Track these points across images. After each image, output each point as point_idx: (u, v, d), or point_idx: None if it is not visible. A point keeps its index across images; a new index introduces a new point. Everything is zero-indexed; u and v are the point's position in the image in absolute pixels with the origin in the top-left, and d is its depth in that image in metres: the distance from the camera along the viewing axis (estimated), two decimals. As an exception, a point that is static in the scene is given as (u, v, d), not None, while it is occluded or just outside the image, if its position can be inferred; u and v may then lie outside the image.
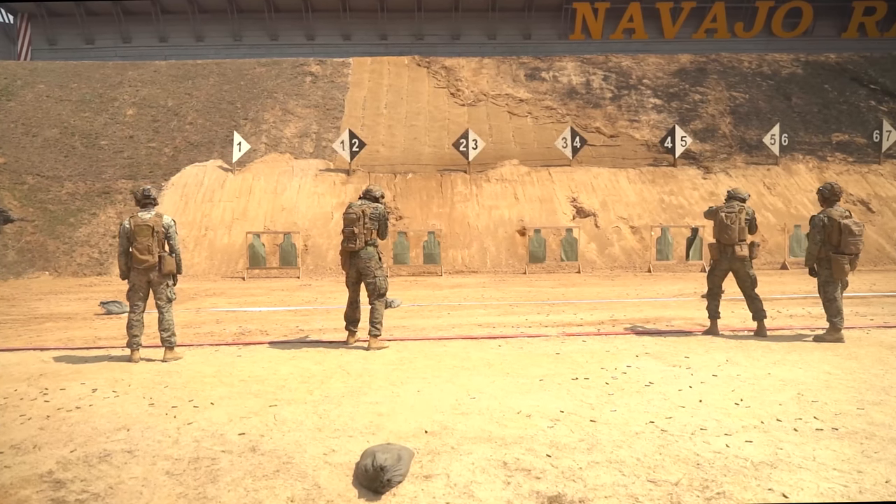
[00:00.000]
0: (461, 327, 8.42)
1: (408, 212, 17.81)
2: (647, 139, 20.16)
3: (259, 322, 9.35)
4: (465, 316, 9.53)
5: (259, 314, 10.29)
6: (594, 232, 17.32)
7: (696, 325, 8.31)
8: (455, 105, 21.41)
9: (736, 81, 22.07)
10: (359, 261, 7.01)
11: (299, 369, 6.15)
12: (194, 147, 19.82)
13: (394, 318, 9.27)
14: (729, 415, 4.61)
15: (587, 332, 7.78)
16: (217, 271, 16.35)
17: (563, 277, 15.17)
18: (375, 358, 6.57)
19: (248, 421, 4.64)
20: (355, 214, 6.96)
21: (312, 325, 8.87)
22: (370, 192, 7.23)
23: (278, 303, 11.72)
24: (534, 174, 18.88)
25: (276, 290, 13.76)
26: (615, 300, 11.19)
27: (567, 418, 4.58)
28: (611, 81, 22.10)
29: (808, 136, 20.20)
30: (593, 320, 8.79)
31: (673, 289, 12.73)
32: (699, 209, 18.00)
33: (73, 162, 19.25)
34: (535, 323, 8.66)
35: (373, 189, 7.27)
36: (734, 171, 19.08)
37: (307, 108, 21.11)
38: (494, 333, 7.87)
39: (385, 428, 4.47)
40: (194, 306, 11.48)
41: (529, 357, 6.47)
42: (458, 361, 6.32)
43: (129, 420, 4.74)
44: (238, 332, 8.49)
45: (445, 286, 13.75)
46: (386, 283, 7.12)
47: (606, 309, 9.99)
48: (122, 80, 21.95)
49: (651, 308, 10.00)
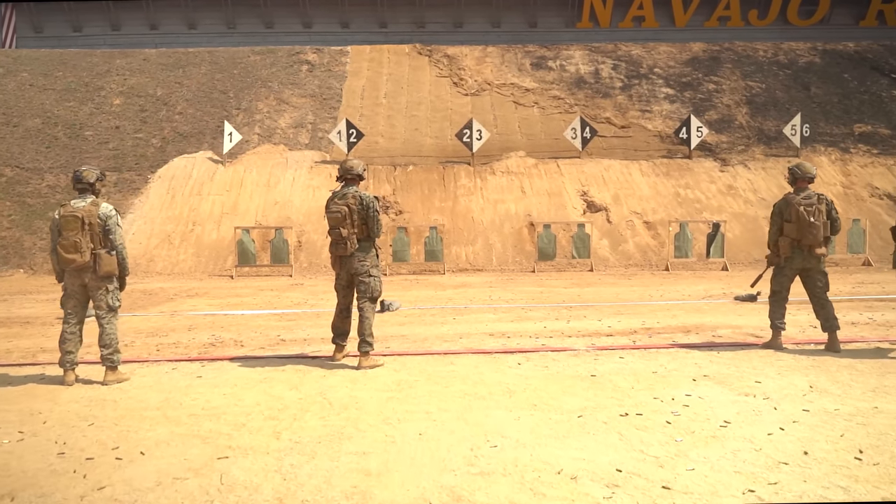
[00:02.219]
0: (470, 337, 7.01)
1: (408, 206, 16.39)
2: (659, 130, 18.72)
3: (237, 329, 7.94)
4: (472, 322, 8.13)
5: (240, 319, 8.89)
6: (606, 227, 15.89)
7: (747, 335, 6.89)
8: (458, 95, 19.96)
9: (751, 71, 20.61)
10: (353, 260, 5.61)
11: (269, 397, 4.75)
12: (183, 138, 18.38)
13: (391, 325, 7.87)
14: (855, 477, 3.21)
15: (622, 346, 6.37)
16: (204, 269, 14.93)
17: (576, 276, 13.76)
18: (366, 381, 5.16)
19: (182, 486, 3.24)
20: (341, 213, 5.53)
21: (296, 334, 7.46)
22: (351, 170, 5.72)
23: (264, 305, 10.32)
24: (541, 166, 17.45)
25: (264, 289, 12.36)
26: (639, 303, 9.78)
27: (628, 483, 3.18)
28: (620, 70, 20.64)
29: (829, 127, 18.76)
30: (623, 328, 7.38)
31: (698, 289, 11.32)
32: (717, 203, 16.60)
33: (55, 153, 17.82)
34: (556, 332, 7.25)
35: (352, 165, 5.74)
36: (753, 164, 17.64)
37: (303, 98, 19.67)
38: (510, 346, 6.46)
39: (374, 497, 3.07)
40: (171, 308, 10.09)
41: (558, 380, 5.06)
42: (469, 387, 4.92)
43: (20, 482, 3.34)
44: (208, 342, 7.09)
45: (449, 286, 12.34)
46: (380, 286, 5.71)
47: (633, 314, 8.58)
48: (110, 68, 20.49)
49: (684, 313, 8.58)
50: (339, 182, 5.76)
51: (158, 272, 14.76)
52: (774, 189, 16.78)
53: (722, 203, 16.56)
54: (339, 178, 5.76)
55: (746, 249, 15.37)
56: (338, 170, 5.79)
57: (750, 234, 15.79)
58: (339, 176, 5.76)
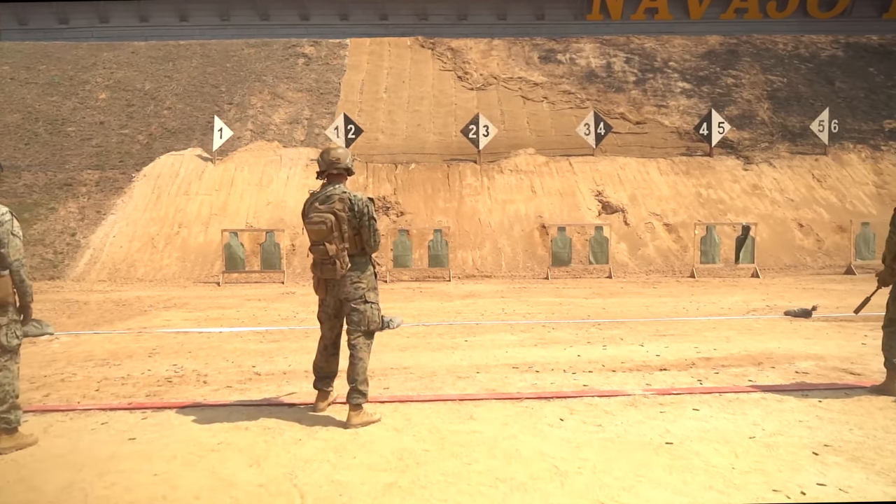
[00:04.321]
0: (489, 371, 5.51)
1: (410, 206, 14.89)
2: (677, 126, 17.20)
3: (206, 355, 6.44)
4: (489, 346, 6.63)
5: (215, 339, 7.39)
6: (624, 230, 14.38)
7: (836, 370, 5.37)
8: (463, 89, 18.43)
9: (771, 64, 19.09)
10: (344, 283, 4.11)
11: (216, 482, 3.25)
12: (171, 134, 16.86)
13: (392, 350, 6.37)
14: None
15: (687, 388, 4.86)
16: (189, 275, 13.43)
17: (594, 284, 12.26)
18: (357, 451, 3.65)
19: None
20: (326, 223, 4.02)
21: (275, 364, 5.95)
22: (336, 162, 4.19)
23: (247, 319, 8.82)
24: (552, 164, 15.93)
25: (252, 299, 10.86)
26: (676, 319, 8.28)
27: None
28: (634, 64, 19.12)
29: (857, 124, 17.24)
30: (676, 358, 5.88)
31: (735, 301, 9.82)
32: (741, 204, 15.09)
33: (35, 150, 16.30)
34: (594, 363, 5.75)
35: (337, 155, 4.19)
36: (778, 162, 16.12)
37: (299, 93, 18.14)
38: (545, 388, 4.94)
39: None
40: (141, 324, 8.60)
41: (623, 452, 3.56)
42: (501, 463, 3.42)
43: None
44: (166, 375, 5.59)
45: (456, 296, 10.84)
46: (379, 315, 4.20)
47: (676, 334, 7.09)
48: (96, 61, 18.97)
49: (736, 334, 7.08)
50: (321, 178, 4.26)
51: (139, 279, 13.26)
52: (802, 189, 15.29)
53: (747, 204, 15.04)
54: (320, 174, 4.25)
55: (776, 254, 13.87)
56: (318, 161, 4.29)
57: (779, 237, 14.29)
58: (320, 170, 4.25)
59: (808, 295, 10.32)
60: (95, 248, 13.92)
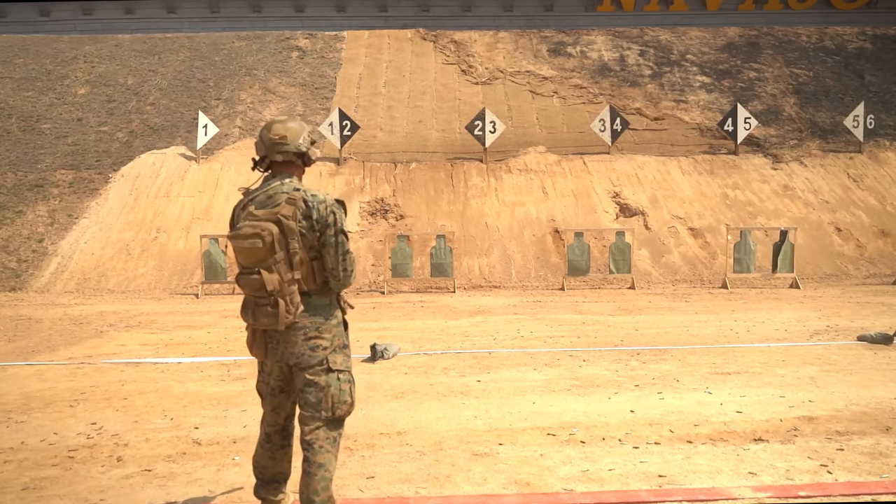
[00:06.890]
0: (516, 443, 3.88)
1: (411, 209, 13.27)
2: (698, 122, 15.56)
3: (140, 408, 4.82)
4: (508, 390, 5.01)
5: (167, 375, 5.79)
6: (645, 235, 12.76)
7: None
8: (467, 84, 16.80)
9: (795, 57, 17.44)
10: (292, 338, 2.49)
11: None
12: (154, 131, 15.25)
13: (383, 396, 4.76)
14: None
15: (816, 484, 3.23)
16: (167, 285, 11.83)
17: (616, 296, 10.63)
18: None
19: None
20: (263, 239, 2.43)
21: (226, 425, 4.33)
22: (280, 145, 2.61)
23: (216, 344, 7.21)
24: (565, 163, 14.30)
25: (229, 315, 9.23)
26: (727, 345, 6.66)
27: None
28: (649, 57, 17.48)
29: (892, 119, 15.61)
30: (765, 418, 4.24)
31: (786, 319, 8.18)
32: (772, 206, 13.47)
33: (6, 149, 14.70)
34: (657, 425, 4.12)
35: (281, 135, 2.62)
36: (809, 161, 14.48)
37: (292, 87, 16.52)
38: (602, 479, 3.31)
39: None
40: (89, 351, 7.02)
41: None
42: None
43: None
44: (74, 443, 3.97)
45: (462, 312, 9.21)
46: (352, 394, 2.57)
47: (745, 373, 5.47)
48: (77, 55, 17.36)
49: (823, 374, 5.45)
50: (260, 170, 2.65)
51: (111, 289, 11.65)
52: (837, 189, 13.66)
53: (778, 206, 13.41)
54: (257, 163, 2.65)
55: (814, 262, 12.24)
56: (255, 144, 2.68)
57: (816, 242, 12.66)
58: (257, 158, 2.65)
59: (867, 311, 8.70)
60: (64, 255, 12.32)
